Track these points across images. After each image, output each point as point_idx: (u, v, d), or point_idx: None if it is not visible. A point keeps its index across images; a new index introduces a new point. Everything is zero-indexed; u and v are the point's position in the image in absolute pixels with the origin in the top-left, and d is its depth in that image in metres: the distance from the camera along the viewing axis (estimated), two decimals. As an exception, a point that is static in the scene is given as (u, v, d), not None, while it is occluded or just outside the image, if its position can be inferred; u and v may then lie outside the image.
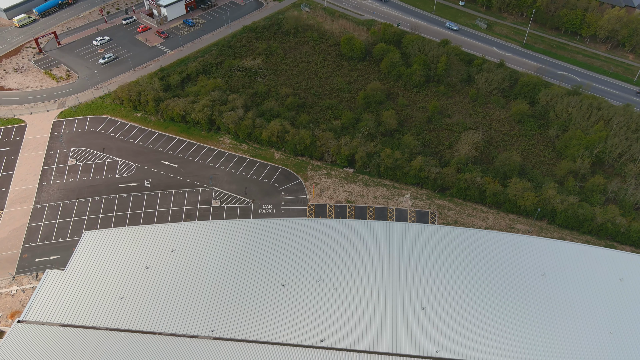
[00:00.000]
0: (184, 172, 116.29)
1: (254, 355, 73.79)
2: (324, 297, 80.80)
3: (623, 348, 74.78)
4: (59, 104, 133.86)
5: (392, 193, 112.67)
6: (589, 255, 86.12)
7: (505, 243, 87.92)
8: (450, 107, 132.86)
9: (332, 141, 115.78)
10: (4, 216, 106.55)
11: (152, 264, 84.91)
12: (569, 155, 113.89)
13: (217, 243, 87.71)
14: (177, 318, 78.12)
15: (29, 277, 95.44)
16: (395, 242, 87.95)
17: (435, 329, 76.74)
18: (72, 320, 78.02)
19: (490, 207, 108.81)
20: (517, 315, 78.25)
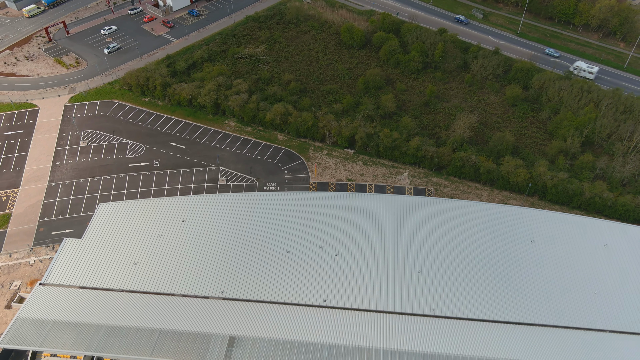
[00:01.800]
0: (191, 153, 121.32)
1: (261, 313, 78.88)
2: (327, 262, 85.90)
3: (605, 306, 80.00)
4: (70, 89, 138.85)
5: (391, 172, 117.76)
6: (576, 224, 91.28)
7: (497, 213, 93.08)
8: (447, 91, 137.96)
9: (333, 123, 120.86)
10: (20, 193, 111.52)
11: (164, 232, 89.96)
12: (560, 135, 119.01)
13: (225, 214, 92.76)
14: (189, 281, 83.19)
15: (45, 248, 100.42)
16: (393, 212, 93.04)
17: (430, 290, 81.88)
18: (90, 283, 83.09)
19: (485, 185, 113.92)
20: (507, 277, 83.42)
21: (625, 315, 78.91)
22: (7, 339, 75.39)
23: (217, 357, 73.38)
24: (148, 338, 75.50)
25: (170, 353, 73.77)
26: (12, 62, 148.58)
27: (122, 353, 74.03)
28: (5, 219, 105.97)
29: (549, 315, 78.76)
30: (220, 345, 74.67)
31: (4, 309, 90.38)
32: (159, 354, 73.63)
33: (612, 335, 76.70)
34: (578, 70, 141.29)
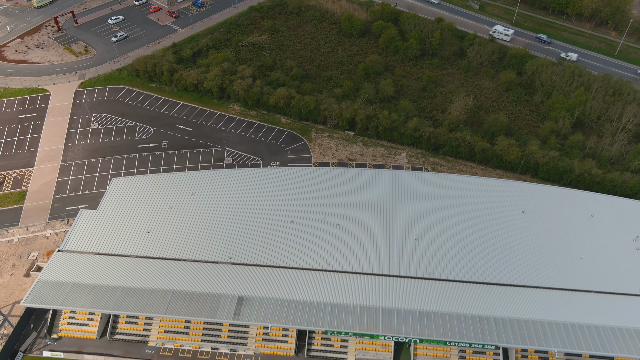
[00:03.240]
0: (197, 135, 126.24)
1: (268, 276, 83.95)
2: (329, 231, 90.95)
3: (591, 270, 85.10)
4: (79, 75, 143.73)
5: (390, 152, 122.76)
6: (565, 195, 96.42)
7: (490, 186, 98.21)
8: (444, 77, 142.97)
9: (334, 106, 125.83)
10: (34, 172, 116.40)
11: (174, 204, 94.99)
12: (552, 117, 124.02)
13: (232, 187, 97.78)
14: (199, 247, 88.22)
15: (60, 222, 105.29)
16: (392, 186, 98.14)
17: (426, 256, 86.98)
18: (106, 249, 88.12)
19: (479, 164, 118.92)
20: (499, 244, 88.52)
21: (609, 278, 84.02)
22: (29, 299, 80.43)
23: (227, 314, 78.44)
24: (162, 298, 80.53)
25: (183, 311, 78.85)
26: (23, 50, 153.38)
27: (137, 311, 79.07)
28: (22, 195, 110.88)
29: (538, 278, 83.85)
30: (229, 304, 79.74)
31: (23, 277, 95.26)
32: (172, 312, 78.71)
33: (597, 295, 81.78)
34: (496, 33, 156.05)
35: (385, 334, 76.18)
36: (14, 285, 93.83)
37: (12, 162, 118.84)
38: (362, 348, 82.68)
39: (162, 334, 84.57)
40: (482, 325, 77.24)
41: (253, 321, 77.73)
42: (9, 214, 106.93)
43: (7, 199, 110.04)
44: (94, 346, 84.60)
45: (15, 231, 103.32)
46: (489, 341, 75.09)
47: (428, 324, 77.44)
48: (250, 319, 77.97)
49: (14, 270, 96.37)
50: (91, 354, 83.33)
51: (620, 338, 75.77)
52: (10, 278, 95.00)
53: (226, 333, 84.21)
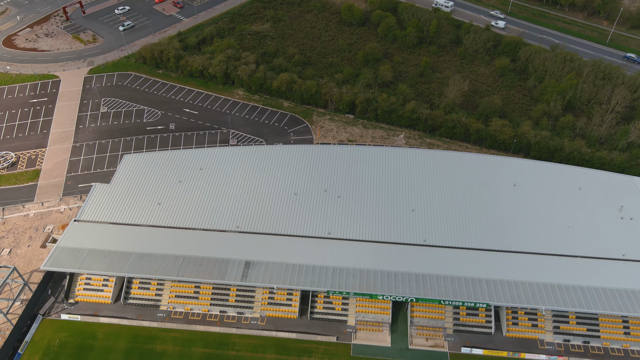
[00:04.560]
0: (203, 118, 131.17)
1: (273, 243, 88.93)
2: (330, 202, 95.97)
3: (578, 237, 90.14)
4: (88, 62, 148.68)
5: (388, 134, 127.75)
6: (555, 170, 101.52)
7: (484, 162, 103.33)
8: (441, 64, 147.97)
9: (335, 89, 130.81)
10: (47, 153, 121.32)
11: (184, 178, 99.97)
12: (544, 100, 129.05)
13: (238, 163, 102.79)
14: (207, 218, 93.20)
15: (74, 198, 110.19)
16: (390, 161, 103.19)
17: (422, 225, 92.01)
18: (119, 220, 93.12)
19: (474, 144, 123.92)
20: (491, 214, 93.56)
21: (594, 244, 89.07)
22: (49, 263, 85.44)
23: (235, 276, 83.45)
24: (174, 262, 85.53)
25: (194, 274, 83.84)
26: (33, 38, 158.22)
27: (150, 274, 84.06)
28: (36, 174, 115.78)
29: (527, 245, 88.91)
30: (237, 267, 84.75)
31: (39, 248, 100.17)
32: (184, 275, 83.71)
33: (583, 259, 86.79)
34: (437, 4, 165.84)
35: (383, 294, 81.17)
36: (31, 256, 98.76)
37: (26, 143, 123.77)
38: (362, 310, 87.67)
39: (173, 298, 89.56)
40: (475, 286, 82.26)
41: (260, 283, 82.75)
42: (24, 191, 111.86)
43: (22, 176, 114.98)
44: (108, 310, 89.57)
45: (31, 206, 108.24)
46: (481, 300, 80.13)
47: (424, 285, 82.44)
48: (257, 281, 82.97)
49: (31, 242, 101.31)
50: (106, 316, 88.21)
51: (604, 297, 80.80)
52: (27, 249, 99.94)
53: (233, 297, 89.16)
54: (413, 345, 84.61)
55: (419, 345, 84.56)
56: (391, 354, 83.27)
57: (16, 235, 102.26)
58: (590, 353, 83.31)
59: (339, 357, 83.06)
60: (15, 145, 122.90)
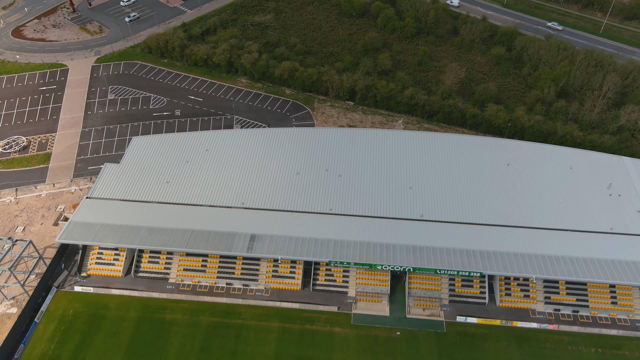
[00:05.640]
0: (208, 104, 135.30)
1: (277, 218, 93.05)
2: (331, 181, 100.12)
3: (568, 212, 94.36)
4: (95, 52, 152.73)
5: (387, 119, 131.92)
6: (547, 150, 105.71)
7: (479, 143, 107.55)
8: (438, 53, 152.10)
9: (336, 77, 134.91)
10: (57, 137, 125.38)
11: (190, 159, 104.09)
12: (538, 87, 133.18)
13: (242, 144, 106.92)
14: (214, 195, 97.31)
15: (84, 179, 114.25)
16: (388, 143, 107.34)
17: (419, 201, 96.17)
18: (129, 197, 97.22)
19: (470, 129, 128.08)
20: (485, 191, 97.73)
21: (584, 219, 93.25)
22: (63, 236, 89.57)
23: (241, 248, 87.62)
24: (182, 235, 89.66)
25: (202, 245, 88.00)
26: (40, 29, 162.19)
27: (161, 246, 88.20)
28: (47, 157, 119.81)
29: (520, 219, 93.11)
30: (243, 240, 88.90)
31: (52, 225, 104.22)
32: (192, 246, 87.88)
33: (572, 233, 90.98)
34: None
35: (382, 264, 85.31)
36: (44, 233, 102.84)
37: (36, 128, 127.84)
38: (362, 282, 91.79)
39: (181, 271, 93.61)
40: (469, 257, 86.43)
41: (264, 254, 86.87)
42: (36, 173, 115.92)
43: (34, 159, 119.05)
44: (119, 283, 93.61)
45: (43, 187, 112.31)
46: (475, 269, 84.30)
47: (421, 256, 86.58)
48: (262, 252, 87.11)
49: (44, 220, 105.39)
50: (117, 288, 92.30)
51: (592, 267, 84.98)
52: (40, 227, 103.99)
53: (239, 270, 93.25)
54: (411, 314, 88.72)
55: (416, 315, 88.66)
56: (390, 322, 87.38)
57: (29, 214, 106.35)
58: (579, 321, 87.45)
59: (340, 325, 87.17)
60: (26, 130, 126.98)
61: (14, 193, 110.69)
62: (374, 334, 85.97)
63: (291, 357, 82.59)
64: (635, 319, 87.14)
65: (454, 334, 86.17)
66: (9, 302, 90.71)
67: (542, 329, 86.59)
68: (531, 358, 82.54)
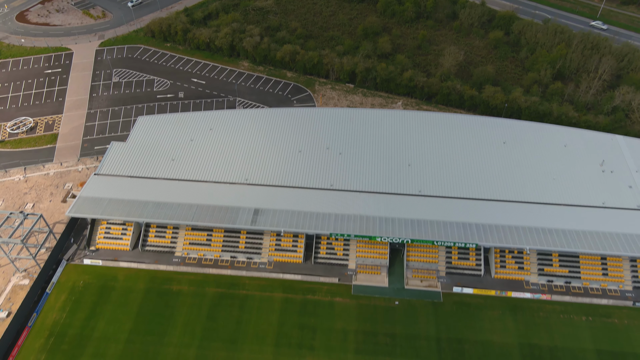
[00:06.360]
0: (210, 87, 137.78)
1: (280, 194, 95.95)
2: (332, 158, 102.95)
3: (562, 187, 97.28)
4: (99, 36, 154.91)
5: (387, 102, 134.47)
6: (542, 129, 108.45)
7: (476, 122, 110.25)
8: (437, 37, 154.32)
9: (336, 59, 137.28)
10: (63, 118, 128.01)
11: (195, 137, 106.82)
12: (535, 70, 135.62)
13: (245, 123, 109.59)
14: (218, 171, 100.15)
15: (90, 159, 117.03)
16: (388, 122, 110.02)
17: (418, 178, 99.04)
18: (136, 173, 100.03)
19: (468, 110, 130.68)
20: (482, 168, 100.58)
21: (577, 194, 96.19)
22: (73, 210, 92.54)
23: (245, 221, 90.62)
24: (188, 210, 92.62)
25: (207, 219, 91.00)
26: (44, 14, 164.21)
27: (167, 219, 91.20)
28: (54, 137, 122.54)
29: (515, 194, 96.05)
30: (247, 214, 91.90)
31: (60, 202, 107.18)
32: (197, 220, 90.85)
33: (566, 207, 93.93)
34: None
35: (381, 236, 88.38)
36: (53, 209, 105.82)
37: (43, 110, 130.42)
38: (362, 255, 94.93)
39: (187, 245, 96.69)
40: (465, 229, 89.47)
41: (268, 227, 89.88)
42: (43, 152, 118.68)
43: (41, 140, 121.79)
44: (127, 256, 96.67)
45: (51, 166, 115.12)
46: (471, 240, 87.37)
47: (419, 228, 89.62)
48: (266, 225, 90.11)
49: (52, 197, 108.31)
50: (126, 261, 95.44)
51: (584, 239, 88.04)
52: (49, 204, 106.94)
53: (243, 244, 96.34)
54: (409, 285, 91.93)
55: (414, 286, 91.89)
56: (388, 293, 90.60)
57: (38, 192, 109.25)
58: (572, 292, 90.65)
59: (341, 295, 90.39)
60: (32, 112, 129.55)
61: (22, 172, 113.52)
62: (374, 304, 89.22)
63: (294, 326, 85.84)
64: (625, 290, 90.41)
65: (451, 303, 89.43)
66: (21, 274, 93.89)
67: (535, 299, 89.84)
68: (524, 326, 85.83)
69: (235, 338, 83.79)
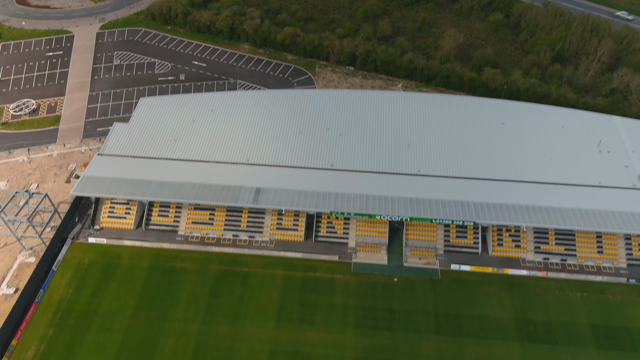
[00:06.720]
0: (211, 69, 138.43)
1: (281, 173, 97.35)
2: (332, 139, 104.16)
3: (559, 167, 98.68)
4: (100, 19, 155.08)
5: (387, 84, 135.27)
6: (541, 110, 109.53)
7: (475, 103, 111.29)
8: (438, 20, 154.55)
9: (337, 42, 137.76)
10: (66, 100, 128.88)
11: (197, 118, 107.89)
12: (535, 52, 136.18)
13: (247, 105, 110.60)
14: (220, 152, 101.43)
15: (93, 140, 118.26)
16: (387, 103, 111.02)
17: (417, 158, 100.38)
18: (139, 154, 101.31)
19: (468, 93, 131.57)
20: (480, 148, 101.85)
21: (573, 173, 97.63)
22: (77, 189, 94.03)
23: (247, 200, 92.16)
24: (191, 189, 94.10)
25: (209, 198, 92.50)
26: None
27: (171, 198, 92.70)
28: (56, 119, 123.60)
29: (513, 174, 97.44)
30: (249, 193, 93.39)
31: (64, 183, 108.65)
32: (200, 199, 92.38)
33: (562, 186, 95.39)
34: None
35: (381, 214, 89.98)
36: (57, 190, 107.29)
37: (45, 92, 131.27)
38: (362, 234, 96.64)
39: (190, 224, 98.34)
40: (463, 208, 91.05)
41: (270, 205, 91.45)
42: (47, 134, 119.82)
43: (44, 121, 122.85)
44: (131, 235, 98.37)
45: (54, 147, 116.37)
46: (468, 218, 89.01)
47: (417, 206, 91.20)
48: (267, 204, 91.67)
49: (56, 178, 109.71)
50: (129, 239, 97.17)
51: (580, 216, 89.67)
52: (53, 184, 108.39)
53: (245, 223, 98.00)
54: (407, 263, 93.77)
55: (413, 263, 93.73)
56: (387, 270, 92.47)
57: (42, 173, 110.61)
58: (567, 269, 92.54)
59: (341, 272, 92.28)
60: (35, 94, 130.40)
61: (26, 153, 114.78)
62: (373, 281, 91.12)
63: (295, 302, 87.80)
64: (619, 267, 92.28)
65: (448, 280, 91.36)
66: (27, 252, 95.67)
67: (531, 276, 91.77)
68: (520, 302, 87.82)
69: (238, 313, 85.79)
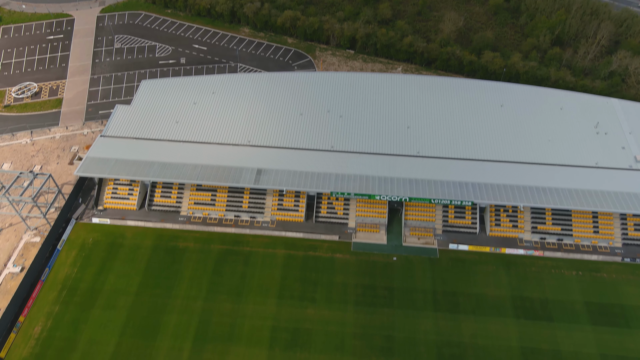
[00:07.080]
0: (212, 53, 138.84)
1: (282, 155, 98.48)
2: (333, 121, 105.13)
3: (556, 149, 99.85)
4: (100, 2, 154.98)
5: (387, 67, 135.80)
6: (539, 93, 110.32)
7: (474, 85, 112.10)
8: (437, 3, 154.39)
9: (337, 25, 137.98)
10: (67, 84, 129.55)
11: (198, 101, 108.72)
12: (534, 35, 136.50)
13: (248, 87, 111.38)
14: (222, 134, 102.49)
15: (95, 122, 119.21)
16: (388, 86, 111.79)
17: (416, 139, 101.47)
18: (141, 135, 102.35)
19: (467, 76, 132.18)
20: (479, 129, 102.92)
21: (571, 155, 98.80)
22: (81, 170, 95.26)
23: (248, 180, 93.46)
24: (193, 170, 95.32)
25: (211, 178, 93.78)
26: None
27: (173, 178, 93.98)
28: (58, 102, 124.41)
29: (511, 155, 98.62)
30: (250, 173, 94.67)
31: (67, 164, 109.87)
32: (202, 179, 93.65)
33: (559, 167, 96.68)
34: None
35: (380, 194, 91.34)
36: (61, 171, 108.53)
37: (47, 75, 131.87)
38: (361, 214, 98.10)
39: (192, 205, 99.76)
40: (462, 188, 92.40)
41: (271, 185, 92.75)
42: (49, 117, 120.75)
43: (46, 104, 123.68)
44: (134, 215, 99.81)
45: (57, 130, 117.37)
46: (467, 198, 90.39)
47: (417, 187, 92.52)
48: (268, 184, 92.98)
49: (59, 160, 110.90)
50: (133, 220, 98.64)
51: (576, 196, 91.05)
52: (56, 166, 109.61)
53: (247, 204, 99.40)
54: (406, 243, 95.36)
55: (412, 243, 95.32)
56: (387, 249, 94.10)
57: (45, 155, 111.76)
58: (563, 249, 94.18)
59: (341, 252, 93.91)
60: (36, 77, 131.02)
61: (29, 135, 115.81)
62: (372, 260, 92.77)
63: (295, 279, 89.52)
64: (614, 246, 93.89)
65: (447, 259, 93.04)
66: (32, 232, 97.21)
67: (528, 255, 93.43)
68: (517, 280, 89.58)
69: (240, 291, 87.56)
